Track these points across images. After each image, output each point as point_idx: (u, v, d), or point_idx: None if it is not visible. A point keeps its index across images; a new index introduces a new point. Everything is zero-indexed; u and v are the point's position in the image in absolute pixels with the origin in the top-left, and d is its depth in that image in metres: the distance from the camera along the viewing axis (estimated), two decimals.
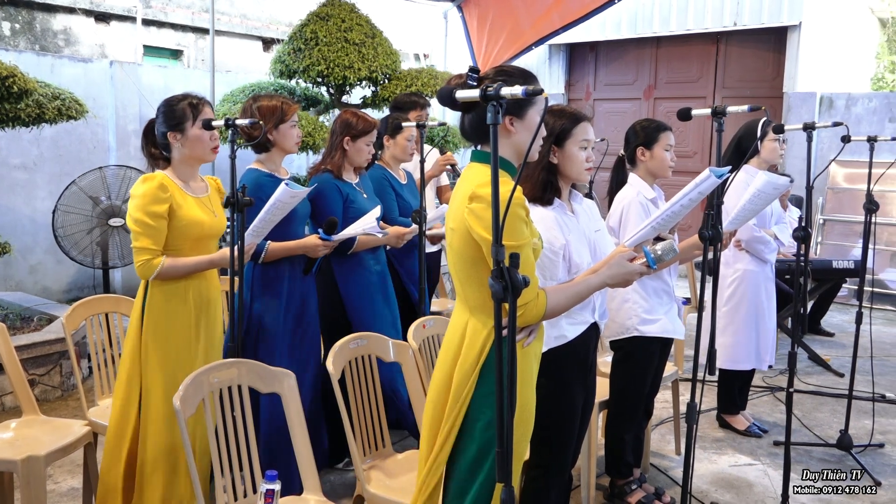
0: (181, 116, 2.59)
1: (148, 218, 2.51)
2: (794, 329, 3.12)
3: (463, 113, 1.91)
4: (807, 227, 3.04)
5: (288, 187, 2.58)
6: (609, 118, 9.29)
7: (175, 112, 2.60)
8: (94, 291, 6.36)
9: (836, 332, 6.30)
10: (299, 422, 2.32)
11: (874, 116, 7.63)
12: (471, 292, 1.93)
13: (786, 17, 7.86)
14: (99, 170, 5.63)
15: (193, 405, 2.08)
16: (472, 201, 1.83)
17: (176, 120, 2.59)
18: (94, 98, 6.49)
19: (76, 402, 4.33)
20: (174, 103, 2.61)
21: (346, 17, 6.16)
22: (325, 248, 3.00)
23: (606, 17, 8.63)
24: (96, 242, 5.59)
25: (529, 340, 1.97)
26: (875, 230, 3.68)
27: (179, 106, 2.60)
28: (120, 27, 10.71)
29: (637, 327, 3.02)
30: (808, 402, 4.61)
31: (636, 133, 3.13)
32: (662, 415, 4.24)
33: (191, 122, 2.59)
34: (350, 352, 2.58)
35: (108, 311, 3.11)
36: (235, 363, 2.28)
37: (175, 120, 2.59)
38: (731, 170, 2.94)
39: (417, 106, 4.16)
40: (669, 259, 2.10)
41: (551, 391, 2.36)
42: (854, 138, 3.40)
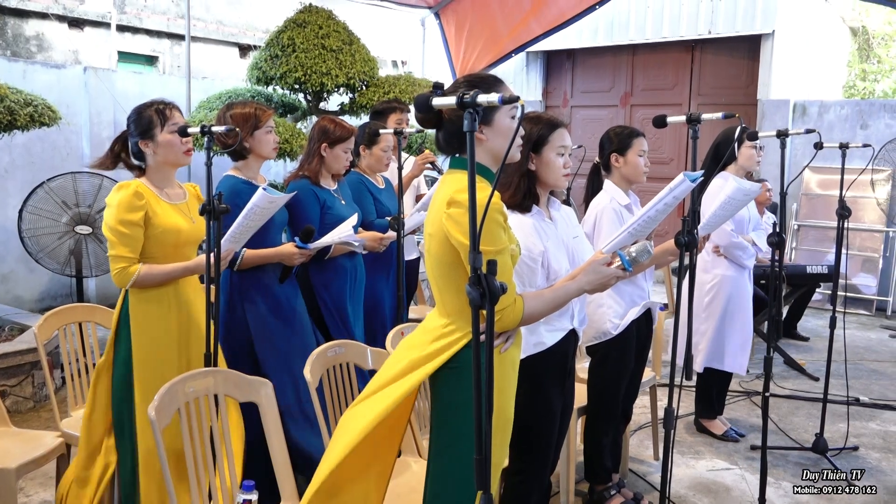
0: (149, 123, 2.58)
1: (123, 226, 2.49)
2: (769, 333, 3.16)
3: (436, 129, 1.94)
4: (781, 233, 3.09)
5: (266, 192, 2.57)
6: (586, 125, 9.35)
7: (143, 119, 2.59)
8: (68, 300, 6.27)
9: (811, 337, 6.38)
10: (276, 431, 2.30)
11: (846, 123, 7.76)
12: (449, 298, 1.94)
13: (759, 25, 7.97)
14: (71, 174, 5.55)
15: (169, 415, 2.06)
16: (450, 206, 1.84)
17: (144, 127, 2.58)
18: (67, 105, 6.41)
19: (49, 414, 4.26)
20: (142, 111, 2.61)
21: (324, 23, 6.15)
22: (302, 257, 2.99)
23: (583, 25, 8.70)
24: (69, 250, 5.51)
25: (507, 346, 1.97)
26: (848, 235, 3.74)
27: (146, 113, 2.59)
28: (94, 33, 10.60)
29: (612, 331, 3.05)
30: (784, 406, 4.66)
31: (610, 139, 3.16)
32: (640, 420, 4.26)
33: (160, 128, 2.58)
34: (328, 359, 2.57)
35: (82, 320, 3.06)
36: (211, 372, 2.26)
37: (143, 127, 2.58)
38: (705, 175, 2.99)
39: (397, 110, 4.15)
40: (644, 260, 2.12)
41: (530, 398, 2.37)
42: (826, 145, 3.46)
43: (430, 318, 2.03)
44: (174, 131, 2.58)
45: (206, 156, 2.43)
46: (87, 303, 4.40)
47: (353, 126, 3.38)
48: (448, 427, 1.92)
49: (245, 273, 2.95)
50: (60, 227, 5.47)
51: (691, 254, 2.46)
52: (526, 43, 8.21)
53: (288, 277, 3.06)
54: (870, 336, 6.64)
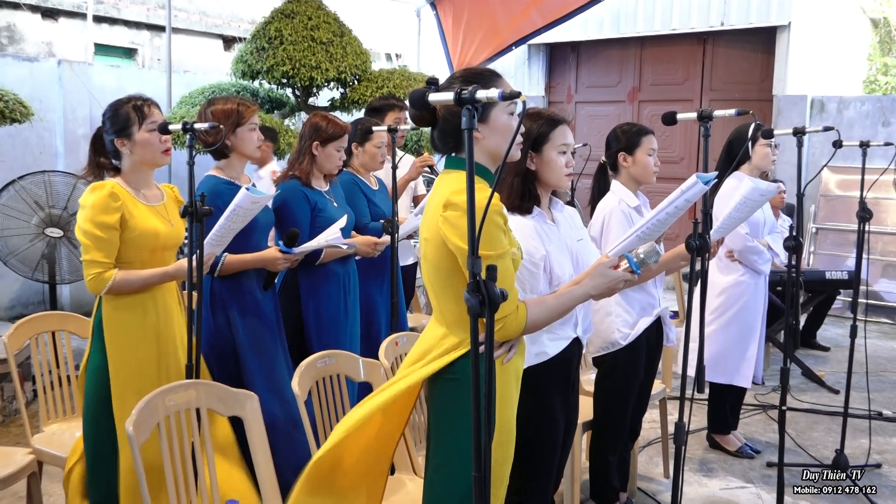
0: (126, 121, 2.58)
1: (98, 230, 2.49)
2: (786, 344, 3.16)
3: (431, 128, 1.94)
4: (798, 237, 3.09)
5: (249, 192, 2.57)
6: (591, 122, 9.37)
7: (119, 117, 2.59)
8: (41, 308, 6.25)
9: (832, 347, 6.39)
10: (262, 446, 2.30)
11: (867, 120, 7.78)
12: (447, 306, 1.94)
13: (775, 16, 8.00)
14: (43, 173, 5.55)
15: (147, 430, 2.06)
16: (446, 209, 1.84)
17: (121, 125, 2.58)
18: (40, 100, 6.40)
19: (19, 429, 4.25)
20: (118, 107, 2.61)
21: (313, 14, 6.16)
22: (286, 262, 2.97)
23: (588, 17, 8.72)
24: (41, 254, 5.50)
25: (509, 357, 1.97)
26: (869, 239, 3.75)
27: (123, 110, 2.59)
28: (69, 24, 10.60)
29: (620, 342, 3.04)
30: (802, 421, 4.67)
31: (617, 137, 3.15)
32: (650, 435, 4.26)
33: (137, 126, 2.58)
34: (317, 371, 2.57)
35: (55, 329, 3.06)
36: (193, 384, 2.26)
37: (120, 125, 2.58)
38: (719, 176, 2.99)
39: (395, 108, 4.14)
40: (653, 262, 2.10)
41: (532, 411, 2.37)
42: (846, 143, 3.47)
43: (428, 328, 2.03)
44: (153, 129, 2.58)
45: (189, 154, 2.43)
46: (60, 310, 4.39)
47: (347, 123, 3.38)
48: (445, 442, 1.92)
49: (226, 280, 2.94)
50: (31, 228, 5.46)
51: (703, 258, 2.46)
52: (527, 35, 8.21)
53: (272, 285, 3.05)
54: (893, 346, 6.65)
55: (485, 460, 1.54)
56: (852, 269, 5.82)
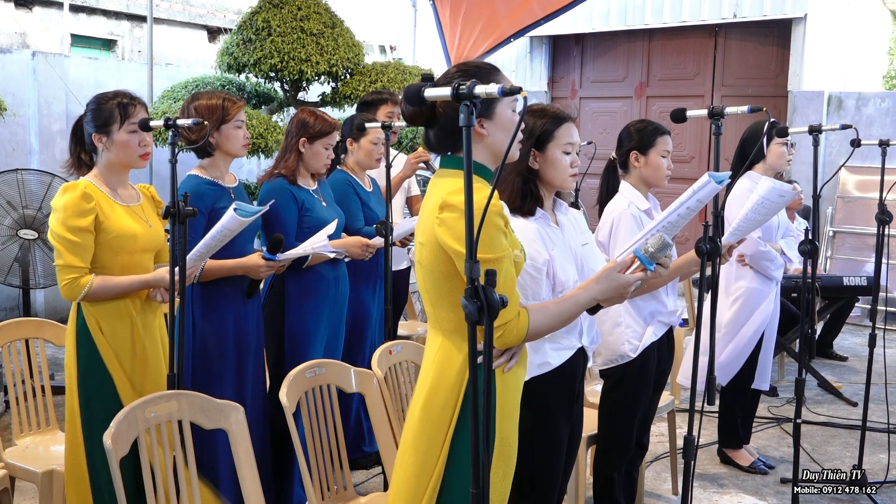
0: (108, 117, 2.58)
1: (71, 233, 2.48)
2: (801, 353, 3.16)
3: (426, 127, 1.94)
4: (814, 240, 3.09)
5: (237, 214, 2.55)
6: (597, 119, 9.39)
7: (102, 112, 2.59)
8: (14, 314, 6.23)
9: (849, 356, 6.39)
10: (248, 460, 2.29)
11: (887, 118, 7.80)
12: (444, 314, 1.94)
13: (790, 8, 8.02)
14: (16, 171, 5.53)
15: (127, 443, 2.06)
16: (442, 210, 1.84)
17: (102, 121, 2.58)
18: (13, 94, 6.40)
19: None
20: (103, 101, 2.61)
21: (303, 4, 6.16)
22: (269, 269, 2.96)
23: (593, 7, 8.74)
24: (14, 258, 5.49)
25: (510, 366, 1.97)
26: (889, 243, 3.75)
27: (108, 105, 2.59)
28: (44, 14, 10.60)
29: (630, 354, 3.01)
30: (818, 435, 4.67)
31: (630, 135, 3.13)
32: (658, 450, 4.26)
33: (118, 125, 2.58)
34: (306, 381, 2.56)
35: (29, 336, 3.05)
36: (175, 395, 2.25)
37: (101, 121, 2.59)
38: (733, 176, 2.99)
39: (387, 102, 4.12)
40: (664, 255, 2.07)
41: (534, 424, 2.36)
42: (865, 142, 3.47)
43: (428, 340, 2.03)
44: (133, 131, 2.58)
45: (171, 152, 2.43)
46: (34, 317, 4.38)
47: (336, 120, 3.38)
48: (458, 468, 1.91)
49: (207, 286, 2.93)
50: (4, 230, 5.45)
51: (714, 263, 2.46)
52: (528, 26, 8.22)
53: (256, 292, 3.05)
54: None
55: (483, 476, 1.54)
56: (871, 275, 5.84)
